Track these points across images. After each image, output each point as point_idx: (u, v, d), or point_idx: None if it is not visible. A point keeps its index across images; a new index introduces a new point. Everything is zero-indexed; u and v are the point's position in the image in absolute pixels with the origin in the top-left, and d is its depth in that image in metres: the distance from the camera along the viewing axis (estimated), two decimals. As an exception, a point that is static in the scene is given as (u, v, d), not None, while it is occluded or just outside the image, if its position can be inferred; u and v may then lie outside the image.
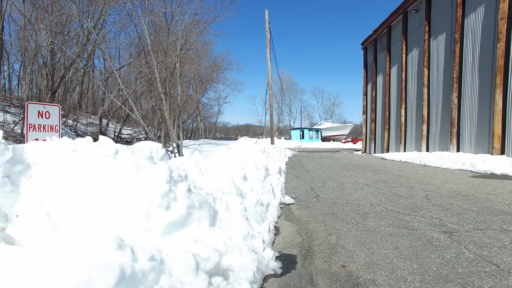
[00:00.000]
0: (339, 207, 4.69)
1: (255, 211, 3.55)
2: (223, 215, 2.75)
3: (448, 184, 6.18)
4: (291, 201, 5.00)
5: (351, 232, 3.47)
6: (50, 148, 2.26)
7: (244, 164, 4.81)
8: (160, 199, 2.12)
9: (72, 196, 2.21)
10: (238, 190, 3.36)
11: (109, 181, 2.20)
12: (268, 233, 3.15)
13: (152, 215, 2.09)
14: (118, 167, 2.23)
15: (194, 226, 2.34)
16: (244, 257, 2.32)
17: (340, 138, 46.66)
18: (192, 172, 3.49)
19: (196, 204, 2.35)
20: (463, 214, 3.95)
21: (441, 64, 12.52)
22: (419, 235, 3.26)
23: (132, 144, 23.09)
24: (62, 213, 2.19)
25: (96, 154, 2.31)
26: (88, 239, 1.89)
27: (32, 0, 26.01)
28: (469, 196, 4.95)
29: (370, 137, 20.50)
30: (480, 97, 10.26)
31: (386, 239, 3.19)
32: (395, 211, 4.30)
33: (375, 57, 19.56)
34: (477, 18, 10.30)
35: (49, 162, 2.27)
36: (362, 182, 6.96)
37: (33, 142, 2.57)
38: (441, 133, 12.57)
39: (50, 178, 2.26)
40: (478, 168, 8.10)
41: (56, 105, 3.52)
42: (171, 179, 2.28)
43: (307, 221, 3.99)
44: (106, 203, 2.14)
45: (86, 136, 3.17)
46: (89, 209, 2.15)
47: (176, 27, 22.73)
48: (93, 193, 2.19)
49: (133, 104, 15.86)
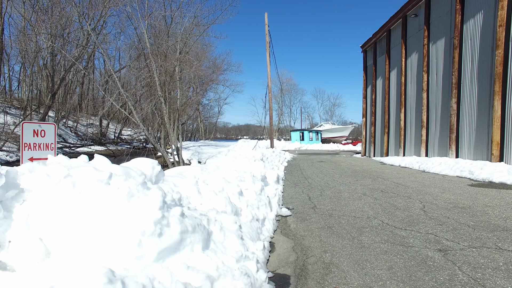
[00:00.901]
0: (335, 219, 4.70)
1: (250, 227, 3.56)
2: (217, 236, 2.75)
3: (445, 194, 6.18)
4: (288, 213, 5.01)
5: (346, 249, 3.47)
6: (44, 174, 2.27)
7: (241, 176, 4.82)
8: (153, 227, 2.13)
9: (65, 223, 2.22)
10: (234, 208, 3.36)
11: (102, 208, 2.21)
12: (262, 252, 3.16)
13: (145, 243, 2.10)
14: (111, 194, 2.24)
15: (187, 250, 2.35)
16: (237, 281, 2.33)
17: (340, 139, 46.66)
18: (188, 189, 3.50)
19: (189, 228, 2.36)
20: (459, 229, 3.95)
21: (440, 69, 12.52)
22: (413, 253, 3.27)
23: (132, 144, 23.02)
24: (55, 239, 2.20)
25: (89, 180, 2.32)
26: (80, 270, 1.90)
27: (32, 2, 26.05)
28: (466, 209, 4.95)
29: (369, 140, 20.50)
30: (479, 103, 10.26)
31: (380, 258, 3.19)
32: (391, 225, 4.30)
33: (374, 60, 19.57)
34: (476, 25, 10.30)
35: (42, 187, 2.28)
36: (360, 191, 6.96)
37: (27, 164, 2.58)
38: (440, 138, 12.57)
39: (44, 204, 2.27)
40: (476, 175, 8.09)
41: (51, 123, 3.53)
42: (164, 205, 2.29)
43: (303, 236, 4.00)
44: (99, 230, 2.15)
45: (81, 155, 3.19)
46: (82, 236, 2.16)
47: (175, 29, 22.76)
48: (86, 219, 2.20)
49: (132, 107, 15.87)
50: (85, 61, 34.19)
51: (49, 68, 28.00)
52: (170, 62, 17.91)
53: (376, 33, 18.70)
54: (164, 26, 22.10)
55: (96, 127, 41.59)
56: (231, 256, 2.57)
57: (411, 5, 14.48)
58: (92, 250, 2.12)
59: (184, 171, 5.06)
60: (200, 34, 23.31)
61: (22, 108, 31.34)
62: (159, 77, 17.01)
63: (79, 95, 44.35)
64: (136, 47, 31.02)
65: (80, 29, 28.18)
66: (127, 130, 45.36)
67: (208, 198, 3.46)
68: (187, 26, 21.22)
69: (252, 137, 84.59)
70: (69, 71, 30.00)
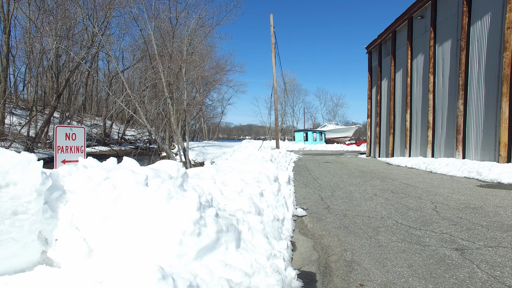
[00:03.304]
0: (350, 219, 4.81)
1: (272, 227, 3.68)
2: (246, 236, 2.87)
3: (455, 195, 6.28)
4: (303, 213, 5.13)
5: (365, 248, 3.59)
6: (86, 177, 2.40)
7: (258, 177, 4.94)
8: (192, 227, 2.25)
9: (108, 222, 2.34)
10: (257, 208, 3.48)
11: (142, 208, 2.34)
12: (287, 251, 3.28)
13: (186, 242, 2.22)
14: (150, 195, 2.36)
15: (222, 249, 2.47)
16: (270, 278, 2.45)
17: (344, 140, 46.69)
18: (211, 190, 3.62)
19: (223, 228, 2.49)
20: (473, 229, 4.05)
21: (446, 71, 12.60)
22: (431, 252, 3.38)
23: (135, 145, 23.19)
24: (99, 238, 2.32)
25: (128, 182, 2.44)
26: (129, 267, 2.03)
27: (37, 4, 26.26)
28: (477, 209, 5.06)
29: (374, 141, 20.59)
30: (486, 104, 10.34)
31: (399, 256, 3.30)
32: (405, 225, 4.41)
33: (379, 61, 19.66)
34: (483, 27, 10.38)
35: (84, 189, 2.41)
36: (370, 191, 7.07)
37: (65, 166, 2.71)
38: (446, 139, 12.65)
39: (86, 205, 2.39)
40: (484, 176, 8.18)
41: (81, 127, 3.67)
42: (200, 206, 2.41)
43: (321, 235, 4.12)
44: (140, 230, 2.28)
45: (110, 158, 3.31)
46: (124, 235, 2.28)
47: (181, 31, 22.90)
48: (128, 220, 2.33)
49: (139, 108, 16.03)
50: (89, 62, 34.44)
51: (54, 69, 28.23)
52: (176, 63, 18.06)
53: (381, 34, 18.79)
54: (169, 28, 22.26)
55: (100, 128, 41.85)
56: (261, 254, 2.69)
57: (417, 7, 14.57)
58: (135, 249, 2.24)
59: (200, 172, 5.18)
60: (205, 35, 23.48)
61: (28, 109, 31.60)
62: (166, 78, 17.16)
63: (83, 96, 44.62)
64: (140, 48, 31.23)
65: (85, 30, 28.38)
66: (130, 131, 45.60)
67: (232, 199, 3.58)
68: (192, 27, 21.36)
69: (254, 137, 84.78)
70: (73, 72, 30.23)
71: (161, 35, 20.63)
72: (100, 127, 41.85)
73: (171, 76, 18.11)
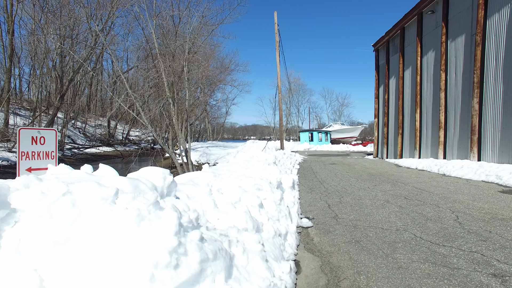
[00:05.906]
0: (362, 232, 4.28)
1: (273, 244, 3.17)
2: (239, 261, 2.37)
3: (477, 203, 5.70)
4: (309, 224, 4.60)
5: (382, 270, 3.06)
6: (38, 192, 1.92)
7: (258, 184, 4.44)
8: (167, 257, 1.75)
9: (62, 249, 1.86)
10: (255, 224, 2.98)
11: (106, 232, 1.85)
12: (289, 275, 2.76)
13: (158, 277, 1.72)
14: (117, 216, 1.87)
15: (208, 282, 1.97)
16: (267, 320, 1.94)
17: (350, 140, 45.88)
18: (203, 201, 3.13)
19: (210, 256, 1.98)
20: (509, 247, 3.49)
21: (460, 68, 11.96)
22: (462, 278, 2.84)
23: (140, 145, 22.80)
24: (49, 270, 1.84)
25: (92, 198, 1.96)
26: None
27: (41, 4, 26.10)
28: (507, 221, 4.49)
29: (382, 141, 19.93)
30: (504, 103, 9.70)
31: (425, 283, 2.77)
32: (425, 240, 3.87)
33: (387, 59, 19.00)
34: (501, 20, 9.74)
35: (36, 207, 1.92)
36: (382, 197, 6.52)
37: (22, 177, 2.24)
38: (459, 140, 12.00)
39: (36, 227, 1.91)
40: (505, 181, 7.57)
41: (52, 129, 3.19)
42: (180, 228, 1.91)
43: (329, 252, 3.59)
44: (102, 260, 1.79)
45: (85, 165, 2.84)
46: (81, 266, 1.80)
47: (183, 29, 22.48)
48: (87, 246, 1.84)
49: (140, 108, 15.60)
50: (93, 62, 34.28)
51: (58, 70, 28.05)
52: (179, 62, 17.63)
53: (389, 31, 18.14)
54: (172, 26, 21.86)
55: (104, 128, 41.71)
56: (257, 285, 2.19)
57: (427, 2, 13.92)
58: (93, 285, 1.75)
59: (196, 177, 4.70)
60: (208, 34, 22.98)
61: (31, 109, 31.48)
62: (167, 77, 16.73)
63: (87, 96, 44.56)
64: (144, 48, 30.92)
65: (89, 30, 28.14)
66: (135, 131, 45.42)
67: (226, 212, 3.08)
68: (195, 26, 20.90)
69: (259, 137, 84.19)
70: (77, 72, 30.04)
71: (163, 34, 20.23)
72: (104, 128, 41.73)
73: (174, 76, 17.68)
